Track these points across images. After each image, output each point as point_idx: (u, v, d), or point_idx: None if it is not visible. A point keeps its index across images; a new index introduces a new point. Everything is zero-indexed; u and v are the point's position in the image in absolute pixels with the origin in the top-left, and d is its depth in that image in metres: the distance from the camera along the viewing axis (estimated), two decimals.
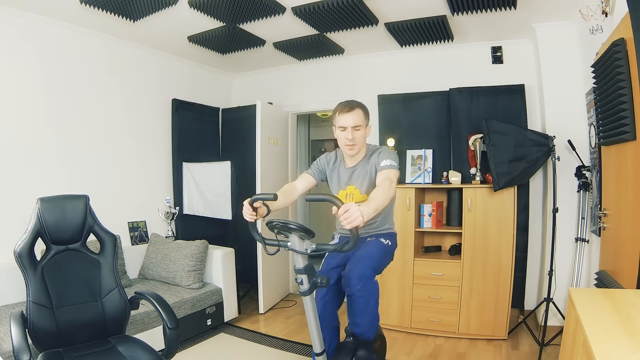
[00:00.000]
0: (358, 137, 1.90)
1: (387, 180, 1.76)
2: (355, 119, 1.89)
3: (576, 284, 2.90)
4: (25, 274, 1.82)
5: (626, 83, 1.86)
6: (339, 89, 4.14)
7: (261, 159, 3.70)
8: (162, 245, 3.41)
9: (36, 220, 1.89)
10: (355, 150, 1.94)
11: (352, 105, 1.92)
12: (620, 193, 2.09)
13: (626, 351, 0.91)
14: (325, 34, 3.42)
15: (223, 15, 3.03)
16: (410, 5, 2.89)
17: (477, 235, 3.11)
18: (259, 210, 1.72)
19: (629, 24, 1.78)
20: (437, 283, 3.20)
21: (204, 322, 3.14)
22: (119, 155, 3.54)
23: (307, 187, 2.05)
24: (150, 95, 3.82)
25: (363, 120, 1.91)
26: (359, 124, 1.89)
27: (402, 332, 3.28)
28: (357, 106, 1.92)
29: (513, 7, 2.80)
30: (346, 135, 1.90)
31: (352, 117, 1.89)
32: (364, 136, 1.95)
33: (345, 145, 1.93)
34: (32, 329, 1.75)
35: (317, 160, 2.12)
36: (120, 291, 2.03)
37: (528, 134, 2.96)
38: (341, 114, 1.91)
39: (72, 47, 3.17)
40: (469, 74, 3.60)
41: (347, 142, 1.91)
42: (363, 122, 1.91)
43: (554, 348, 2.73)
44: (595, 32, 2.35)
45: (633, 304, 1.21)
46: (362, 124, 1.90)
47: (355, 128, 1.89)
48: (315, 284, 1.70)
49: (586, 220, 2.90)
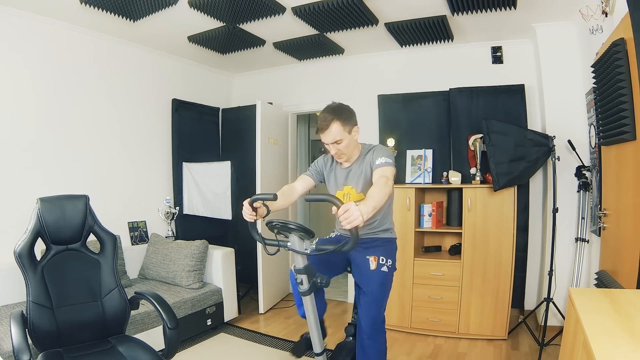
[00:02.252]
0: (343, 148, 1.90)
1: (383, 177, 1.76)
2: (332, 136, 1.85)
3: (576, 284, 2.90)
4: (25, 274, 1.82)
5: (626, 83, 1.86)
6: (339, 89, 4.14)
7: (261, 159, 3.70)
8: (162, 245, 3.41)
9: (36, 220, 1.89)
10: (345, 158, 1.97)
11: (327, 121, 1.85)
12: (620, 193, 2.09)
13: (626, 351, 0.91)
14: (325, 34, 3.42)
15: (223, 15, 3.03)
16: (410, 5, 2.89)
17: (477, 235, 3.11)
18: (258, 210, 1.73)
19: (629, 24, 1.78)
20: (437, 283, 3.20)
21: (204, 322, 3.15)
22: (119, 155, 3.54)
23: (306, 188, 2.06)
24: (150, 95, 3.82)
25: (342, 132, 1.85)
26: (339, 138, 1.86)
27: (402, 332, 3.28)
28: (332, 120, 1.84)
29: (513, 7, 2.80)
30: (330, 149, 1.92)
31: (328, 135, 1.86)
32: (350, 144, 1.91)
33: (335, 157, 1.98)
34: (32, 329, 1.75)
35: (315, 161, 2.13)
36: (120, 291, 2.03)
37: (528, 134, 2.96)
38: (320, 132, 1.90)
39: (72, 47, 3.16)
40: (469, 74, 3.60)
41: (334, 156, 1.96)
42: (343, 133, 1.86)
43: (554, 348, 2.73)
44: (595, 32, 2.35)
45: (633, 304, 1.21)
46: (342, 136, 1.86)
47: (336, 143, 1.87)
48: (315, 284, 1.70)
49: (586, 220, 2.90)
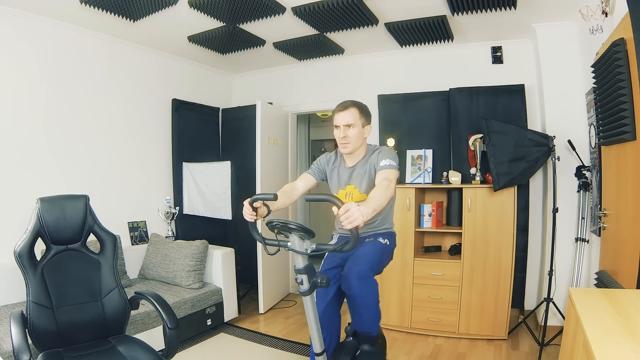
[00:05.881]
0: (351, 135, 1.90)
1: (385, 180, 1.76)
2: (347, 117, 1.90)
3: (576, 284, 2.90)
4: (25, 274, 1.82)
5: (626, 83, 1.86)
6: (339, 89, 4.14)
7: (261, 159, 3.70)
8: (162, 245, 3.41)
9: (36, 220, 1.89)
10: (349, 148, 1.94)
11: (347, 104, 1.94)
12: (620, 193, 2.09)
13: (626, 351, 0.91)
14: (325, 34, 3.42)
15: (223, 15, 3.03)
16: (410, 5, 2.89)
17: (477, 235, 3.11)
18: (259, 210, 1.72)
19: (629, 24, 1.78)
20: (437, 283, 3.20)
21: (204, 322, 3.15)
22: (119, 155, 3.54)
23: (308, 186, 2.05)
24: (150, 95, 3.82)
25: (357, 119, 1.91)
26: (352, 123, 1.90)
27: (402, 332, 3.28)
28: (352, 105, 1.94)
29: (513, 7, 2.80)
30: (339, 133, 1.92)
31: (344, 116, 1.91)
32: (359, 135, 1.93)
33: (340, 143, 1.95)
34: (32, 329, 1.75)
35: (317, 159, 2.13)
36: (120, 291, 2.03)
37: (528, 134, 2.96)
38: (335, 113, 1.94)
39: (72, 47, 3.16)
40: (469, 74, 3.60)
41: (340, 140, 1.93)
42: (357, 120, 1.91)
43: (554, 348, 2.73)
44: (595, 32, 2.35)
45: (633, 304, 1.21)
46: (355, 122, 1.90)
47: (347, 126, 1.90)
48: (316, 284, 1.70)
49: (586, 220, 2.90)
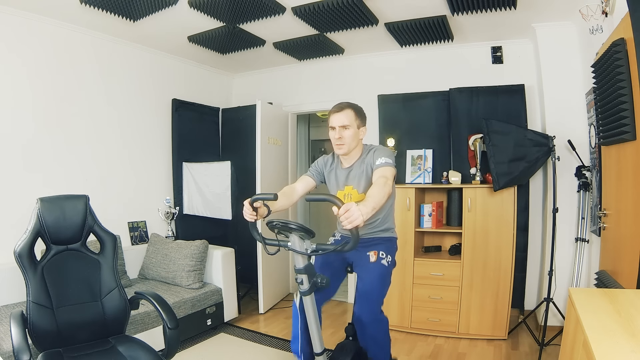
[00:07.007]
0: (347, 137, 1.91)
1: (382, 177, 1.77)
2: (342, 118, 1.91)
3: (576, 284, 2.90)
4: (25, 274, 1.82)
5: (626, 83, 1.86)
6: (339, 89, 4.14)
7: (261, 159, 3.70)
8: (162, 245, 3.41)
9: (36, 220, 1.89)
10: (344, 149, 1.94)
11: (343, 106, 1.95)
12: (620, 193, 2.09)
13: (626, 351, 0.91)
14: (325, 34, 3.42)
15: (223, 15, 3.03)
16: (410, 5, 2.89)
17: (477, 235, 3.11)
18: (259, 210, 1.72)
19: (629, 24, 1.78)
20: (437, 283, 3.20)
21: (204, 322, 3.14)
22: (119, 155, 3.54)
23: (307, 188, 2.06)
24: (150, 95, 3.82)
25: (353, 121, 1.92)
26: (347, 124, 1.90)
27: (402, 332, 3.28)
28: (348, 107, 1.95)
29: (513, 7, 2.80)
30: (334, 134, 1.92)
31: (339, 117, 1.92)
32: (355, 136, 1.94)
33: (335, 144, 1.95)
34: (32, 329, 1.75)
35: (315, 162, 2.14)
36: (120, 291, 2.03)
37: (528, 134, 2.96)
38: (331, 114, 1.95)
39: (72, 47, 3.16)
40: (469, 74, 3.60)
41: (335, 141, 1.94)
42: (352, 122, 1.92)
43: (554, 348, 2.73)
44: (595, 32, 2.35)
45: (633, 304, 1.21)
46: (350, 123, 1.91)
47: (343, 127, 1.90)
48: (316, 284, 1.70)
49: (586, 220, 2.90)
